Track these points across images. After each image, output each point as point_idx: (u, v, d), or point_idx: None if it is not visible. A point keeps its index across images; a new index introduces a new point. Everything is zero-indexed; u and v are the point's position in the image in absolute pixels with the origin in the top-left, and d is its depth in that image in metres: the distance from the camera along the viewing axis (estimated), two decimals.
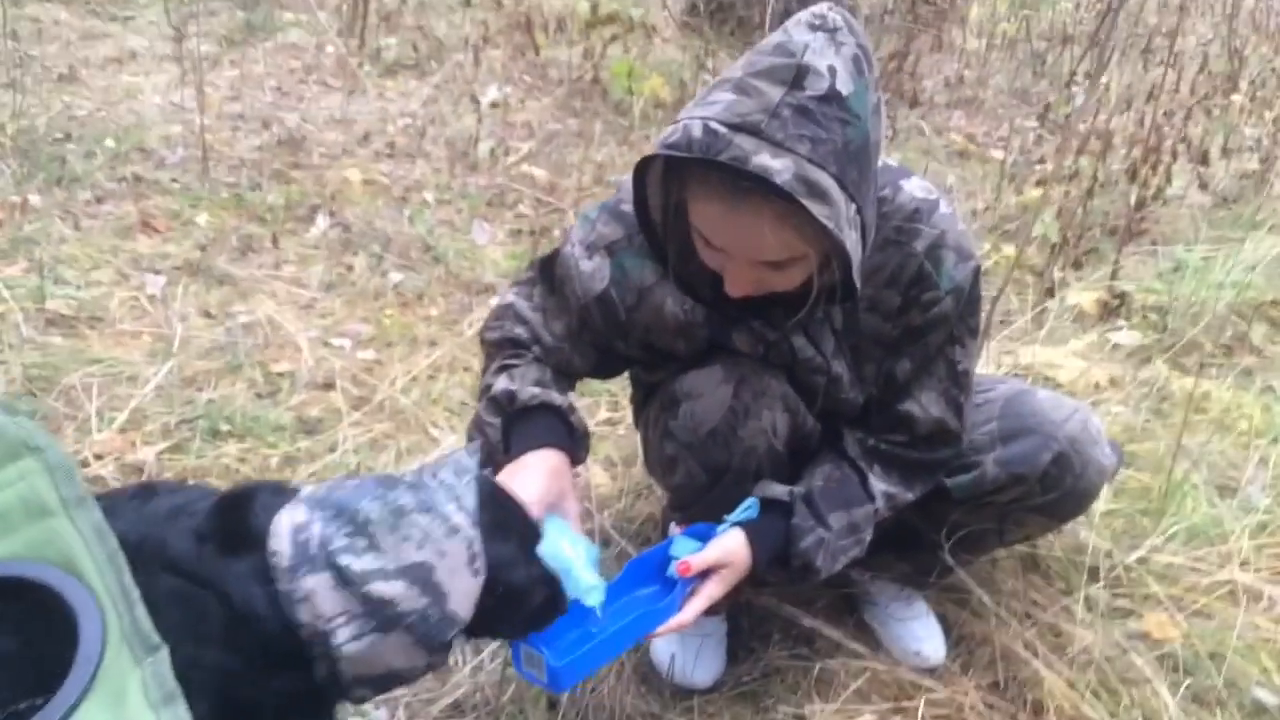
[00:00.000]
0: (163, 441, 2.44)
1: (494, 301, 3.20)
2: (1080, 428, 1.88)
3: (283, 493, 1.35)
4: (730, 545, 1.67)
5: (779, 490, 1.75)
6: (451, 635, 1.32)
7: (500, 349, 1.86)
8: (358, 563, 1.26)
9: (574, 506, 1.67)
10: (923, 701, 1.86)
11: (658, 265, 1.73)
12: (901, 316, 1.73)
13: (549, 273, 1.86)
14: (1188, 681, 1.92)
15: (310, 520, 1.29)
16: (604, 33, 5.23)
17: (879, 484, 1.79)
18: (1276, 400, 2.89)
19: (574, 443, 1.76)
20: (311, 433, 2.56)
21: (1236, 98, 5.71)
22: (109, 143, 4.04)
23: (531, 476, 1.63)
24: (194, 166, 3.92)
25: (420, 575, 1.28)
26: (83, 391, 2.54)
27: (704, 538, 1.70)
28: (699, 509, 1.84)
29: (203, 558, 1.24)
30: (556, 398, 1.76)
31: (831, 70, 1.39)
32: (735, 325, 1.75)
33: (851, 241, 1.45)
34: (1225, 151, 4.93)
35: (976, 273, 1.72)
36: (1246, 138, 5.15)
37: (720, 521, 1.72)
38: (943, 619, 2.08)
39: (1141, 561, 2.17)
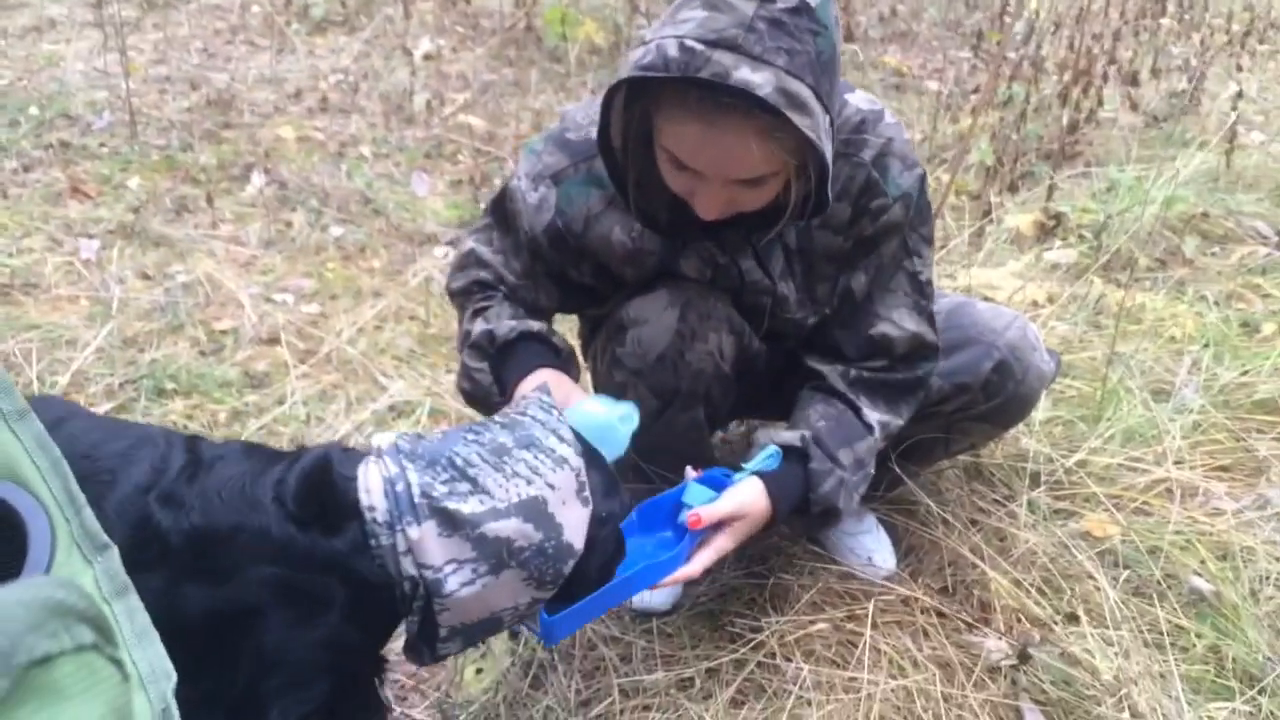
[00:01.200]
0: (107, 402, 2.41)
1: (438, 251, 3.19)
2: (1020, 335, 1.93)
3: (351, 452, 1.33)
4: (745, 496, 1.64)
5: (790, 436, 1.72)
6: (568, 568, 1.31)
7: (469, 295, 1.85)
8: (465, 506, 1.25)
9: None
10: (874, 605, 1.90)
11: (604, 192, 1.73)
12: (853, 228, 1.74)
13: (500, 211, 1.85)
14: (1127, 574, 1.99)
15: (401, 471, 1.27)
16: None
17: (871, 413, 1.77)
18: (1209, 308, 2.96)
19: (563, 361, 1.77)
20: (259, 387, 2.54)
21: (1165, 20, 5.78)
22: (33, 111, 3.95)
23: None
24: (122, 131, 3.84)
25: (535, 510, 1.27)
26: (22, 357, 2.51)
27: (719, 486, 1.66)
28: (650, 435, 1.86)
29: (315, 544, 1.24)
30: (534, 325, 1.77)
31: None
32: (685, 251, 1.76)
33: (829, 152, 1.47)
34: (1154, 72, 4.99)
35: (922, 181, 1.73)
36: (1175, 58, 5.22)
37: (737, 469, 1.68)
38: (891, 530, 2.12)
39: (1081, 464, 2.23)
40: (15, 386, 0.82)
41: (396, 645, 1.42)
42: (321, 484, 1.27)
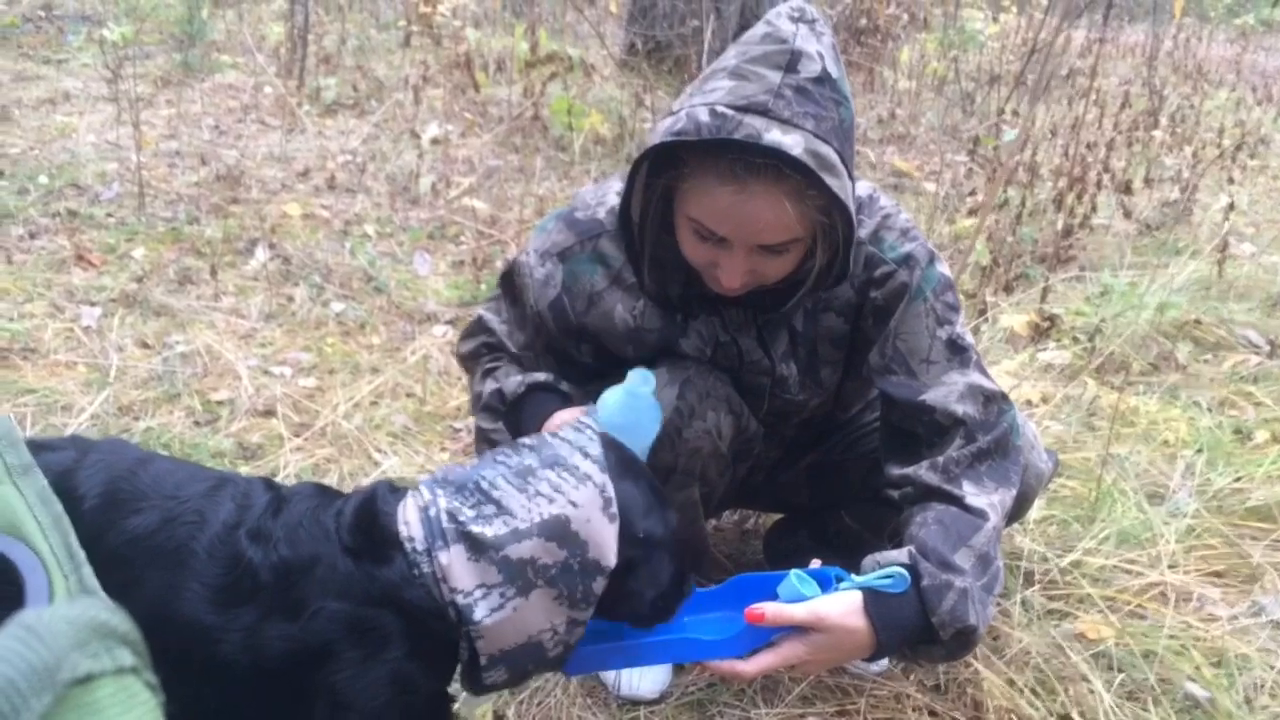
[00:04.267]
0: None
1: (438, 330, 3.21)
2: None
3: (398, 489, 1.38)
4: (831, 609, 1.46)
5: (895, 554, 1.54)
6: (598, 585, 1.30)
7: (477, 358, 1.91)
8: (489, 529, 1.28)
9: None
10: (865, 701, 1.87)
11: (608, 270, 1.76)
12: (863, 305, 1.75)
13: (509, 285, 1.90)
14: (1121, 678, 1.96)
15: (434, 498, 1.32)
16: (543, 71, 5.29)
17: (979, 498, 1.61)
18: (1202, 414, 2.98)
19: (573, 403, 1.77)
20: (252, 458, 2.53)
21: (1157, 133, 5.92)
22: (42, 179, 4.00)
23: None
24: (130, 202, 3.89)
25: (556, 528, 1.28)
26: (16, 421, 2.49)
27: (825, 585, 1.50)
28: None
29: (371, 578, 1.28)
30: (540, 376, 1.78)
31: (820, 55, 1.46)
32: (685, 330, 1.78)
33: (855, 214, 1.51)
34: (1147, 182, 5.09)
35: (932, 255, 1.74)
36: (1167, 168, 5.32)
37: (856, 571, 1.54)
38: None
39: (1075, 565, 2.22)
40: (21, 441, 0.82)
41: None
42: (368, 516, 1.32)
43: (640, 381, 1.60)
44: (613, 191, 1.78)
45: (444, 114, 5.32)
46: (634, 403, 1.61)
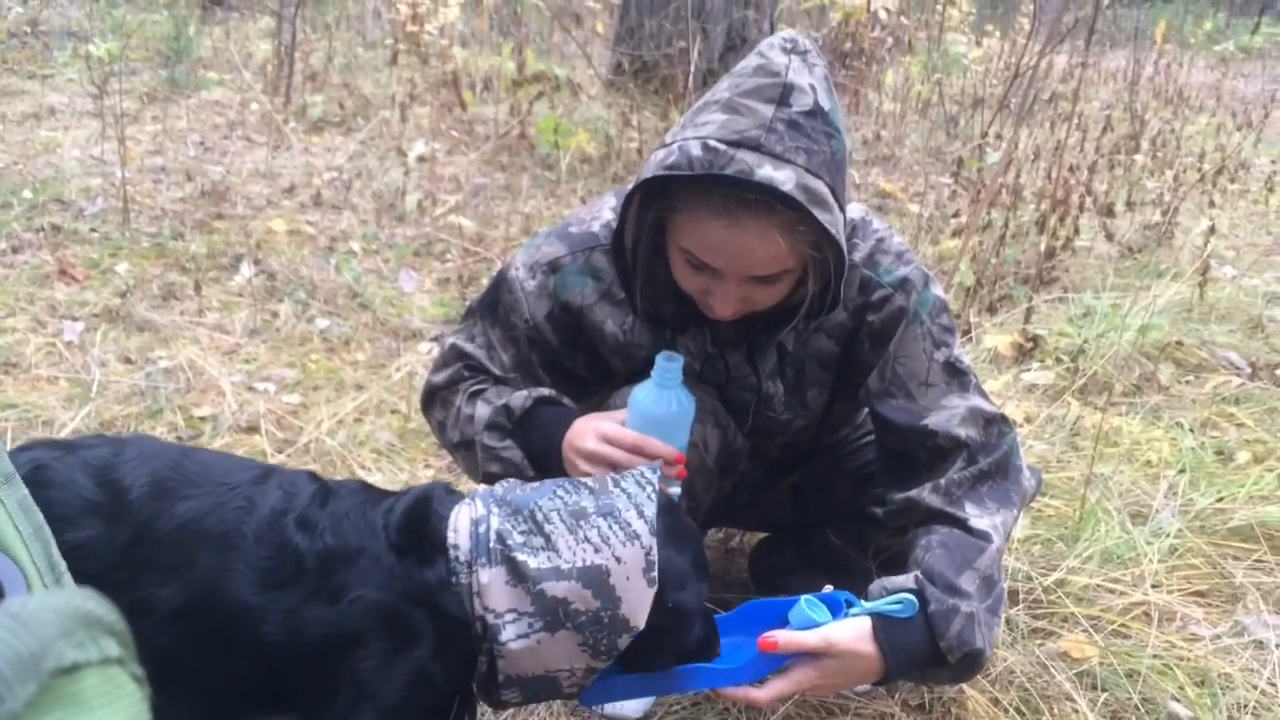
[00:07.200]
0: None
1: (423, 347, 3.21)
2: None
3: (454, 492, 1.43)
4: (842, 635, 1.50)
5: (901, 580, 1.57)
6: (623, 641, 1.32)
7: (457, 383, 1.83)
8: (533, 560, 1.30)
9: None
10: None
11: (599, 284, 1.75)
12: (858, 329, 1.75)
13: (488, 307, 1.85)
14: (1105, 698, 1.96)
15: (487, 514, 1.35)
16: (530, 90, 5.31)
17: (981, 520, 1.62)
18: (1184, 434, 2.99)
19: (583, 413, 1.75)
20: None
21: (1139, 156, 5.96)
22: (26, 194, 3.99)
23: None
24: (114, 217, 3.87)
25: (595, 578, 1.30)
26: None
27: (836, 610, 1.53)
28: None
29: (410, 575, 1.33)
30: (545, 390, 1.76)
31: (812, 88, 1.46)
32: (674, 346, 1.78)
33: (845, 247, 1.51)
34: (1129, 205, 5.13)
35: (927, 278, 1.75)
36: (1149, 192, 5.37)
37: (864, 597, 1.56)
38: None
39: (1059, 584, 2.22)
40: (3, 450, 0.82)
41: None
42: (420, 517, 1.37)
43: (664, 370, 1.60)
44: (607, 207, 1.78)
45: (430, 132, 5.32)
46: (666, 394, 1.61)
